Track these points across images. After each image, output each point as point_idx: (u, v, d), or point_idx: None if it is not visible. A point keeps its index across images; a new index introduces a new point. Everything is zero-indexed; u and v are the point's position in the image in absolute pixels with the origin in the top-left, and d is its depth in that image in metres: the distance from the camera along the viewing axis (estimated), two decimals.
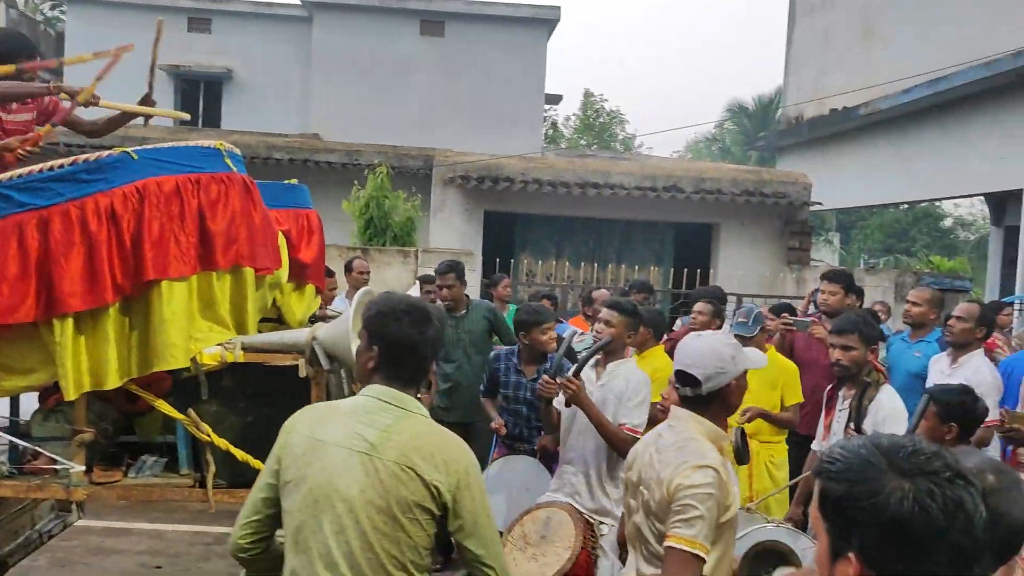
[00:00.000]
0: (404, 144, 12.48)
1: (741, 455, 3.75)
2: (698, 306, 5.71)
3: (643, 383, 4.00)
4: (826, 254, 33.90)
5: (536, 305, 5.04)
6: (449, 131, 14.06)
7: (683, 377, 2.54)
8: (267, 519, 2.20)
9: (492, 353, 4.95)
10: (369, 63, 15.86)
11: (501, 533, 2.67)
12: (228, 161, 3.82)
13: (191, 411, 3.72)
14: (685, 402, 2.54)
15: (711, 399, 2.51)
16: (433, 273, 5.99)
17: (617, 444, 3.76)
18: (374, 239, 9.73)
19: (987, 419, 4.61)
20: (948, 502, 1.19)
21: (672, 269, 10.83)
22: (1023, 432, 4.63)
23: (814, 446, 4.49)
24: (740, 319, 5.20)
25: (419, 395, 5.51)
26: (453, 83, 15.61)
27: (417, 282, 6.91)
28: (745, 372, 2.57)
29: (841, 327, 4.38)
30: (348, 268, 7.14)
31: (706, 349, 2.53)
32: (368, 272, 7.24)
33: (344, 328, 3.21)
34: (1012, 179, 10.03)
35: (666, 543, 2.33)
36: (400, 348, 2.21)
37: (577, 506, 3.79)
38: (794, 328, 5.58)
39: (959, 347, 4.83)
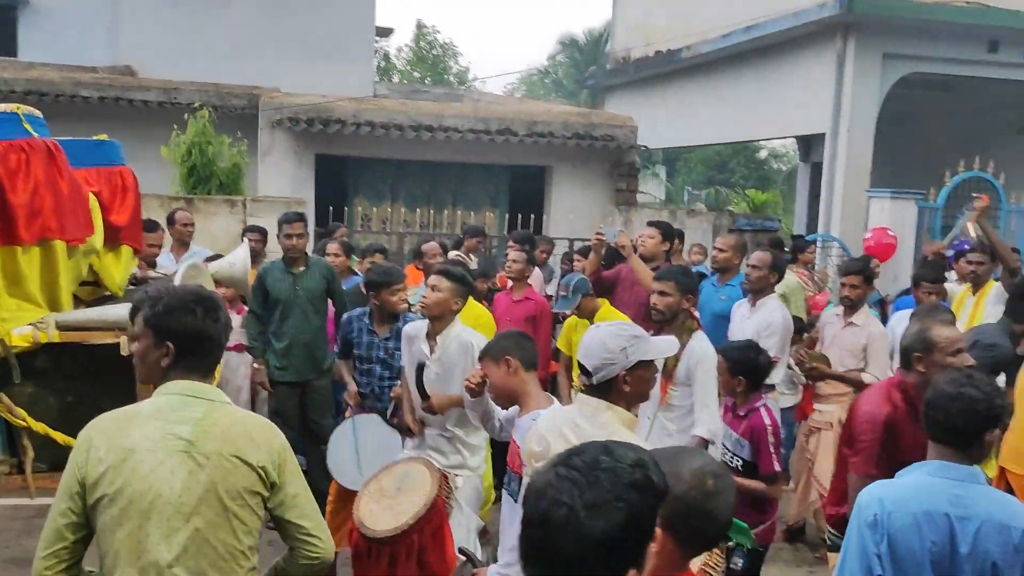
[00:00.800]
0: (226, 81, 11.83)
1: None
2: (512, 255, 5.89)
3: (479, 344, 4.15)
4: (653, 187, 35.25)
5: (388, 266, 5.01)
6: (275, 64, 13.38)
7: (581, 367, 2.68)
8: (73, 546, 2.10)
9: (344, 316, 4.93)
10: None
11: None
12: (27, 126, 3.56)
13: (2, 395, 3.53)
14: (591, 390, 2.66)
15: (607, 388, 2.62)
16: (277, 222, 5.76)
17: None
18: (198, 187, 9.28)
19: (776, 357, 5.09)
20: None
21: (508, 212, 11.02)
22: (822, 370, 5.13)
23: None
24: (561, 293, 5.36)
25: (254, 364, 5.40)
26: (277, 11, 14.82)
27: (246, 235, 6.66)
28: (645, 362, 2.64)
29: (661, 274, 4.67)
30: (171, 220, 6.79)
31: (597, 341, 2.64)
32: (192, 224, 6.92)
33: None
34: (815, 123, 10.81)
35: None
36: (197, 340, 2.19)
37: (434, 462, 3.89)
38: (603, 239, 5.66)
39: (756, 292, 5.22)
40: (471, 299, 5.03)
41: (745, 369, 3.98)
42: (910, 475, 2.60)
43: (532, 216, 9.91)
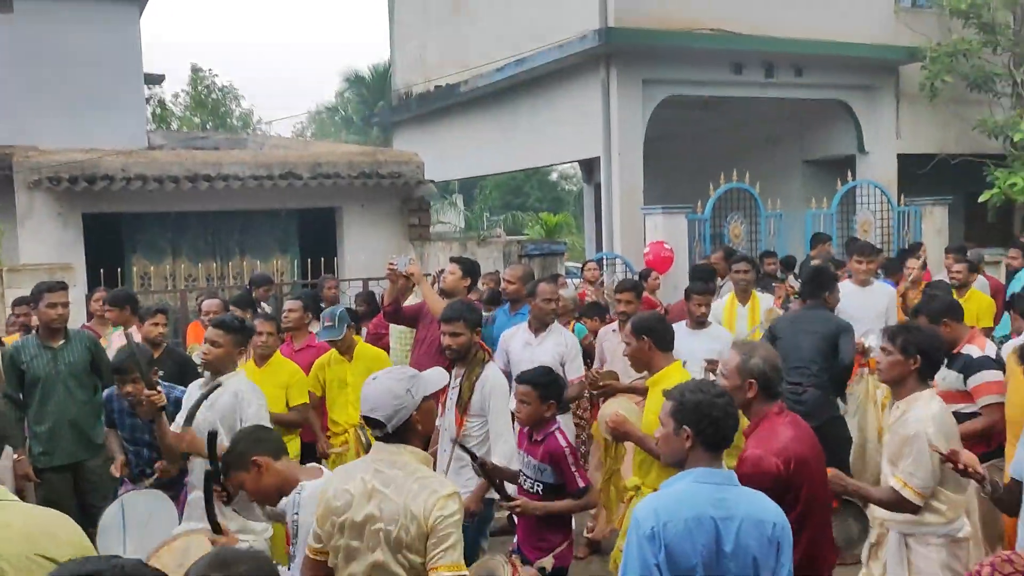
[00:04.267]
0: None
1: None
2: (288, 304, 5.86)
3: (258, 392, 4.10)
4: (452, 216, 35.71)
5: (122, 357, 4.41)
6: (31, 121, 12.38)
7: (371, 421, 2.70)
8: None
9: (104, 394, 4.60)
10: None
11: None
12: None
13: None
14: (384, 438, 2.70)
15: (402, 432, 2.68)
16: (34, 291, 5.30)
17: None
18: None
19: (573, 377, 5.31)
20: None
21: (299, 257, 10.77)
22: (614, 386, 5.38)
23: (437, 423, 4.81)
24: (326, 323, 5.35)
25: (14, 456, 4.92)
26: (29, 63, 13.76)
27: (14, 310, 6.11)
28: (427, 397, 2.75)
29: (447, 315, 4.72)
30: None
31: (382, 391, 2.69)
32: None
33: None
34: (589, 148, 11.39)
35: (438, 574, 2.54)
36: None
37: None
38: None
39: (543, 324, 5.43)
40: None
41: (555, 393, 4.07)
42: (678, 484, 2.73)
43: (323, 259, 9.75)
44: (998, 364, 4.57)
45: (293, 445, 5.10)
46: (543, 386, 4.05)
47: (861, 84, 12.58)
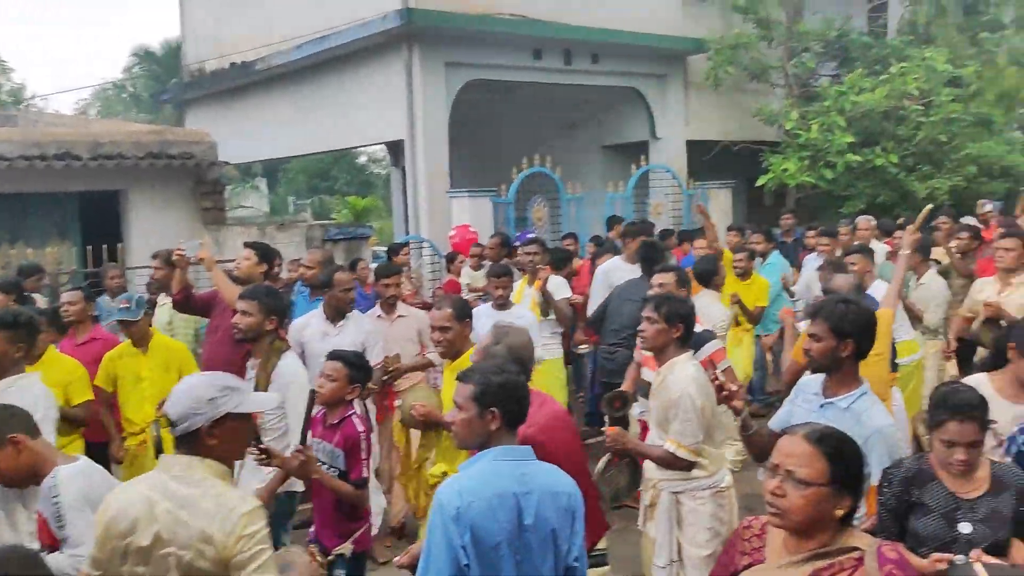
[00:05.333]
0: None
1: None
2: (65, 297, 5.46)
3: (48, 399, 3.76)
4: (255, 200, 34.32)
5: None
6: None
7: (167, 418, 2.47)
8: None
9: None
10: None
11: None
12: None
13: None
14: (178, 445, 2.45)
15: (193, 443, 2.42)
16: None
17: None
18: None
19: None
20: None
21: (80, 244, 9.92)
22: (399, 368, 5.39)
23: None
24: (122, 305, 5.04)
25: None
26: None
27: None
28: (238, 416, 2.47)
29: (244, 294, 4.50)
30: None
31: (187, 388, 2.46)
32: None
33: None
34: (394, 131, 11.27)
35: None
36: None
37: None
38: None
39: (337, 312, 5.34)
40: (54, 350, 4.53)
41: (362, 377, 4.03)
42: (478, 463, 2.76)
43: (107, 246, 9.05)
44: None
45: (75, 447, 4.69)
46: (354, 367, 3.97)
47: (652, 73, 13.21)
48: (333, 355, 4.02)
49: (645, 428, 4.46)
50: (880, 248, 8.02)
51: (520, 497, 2.64)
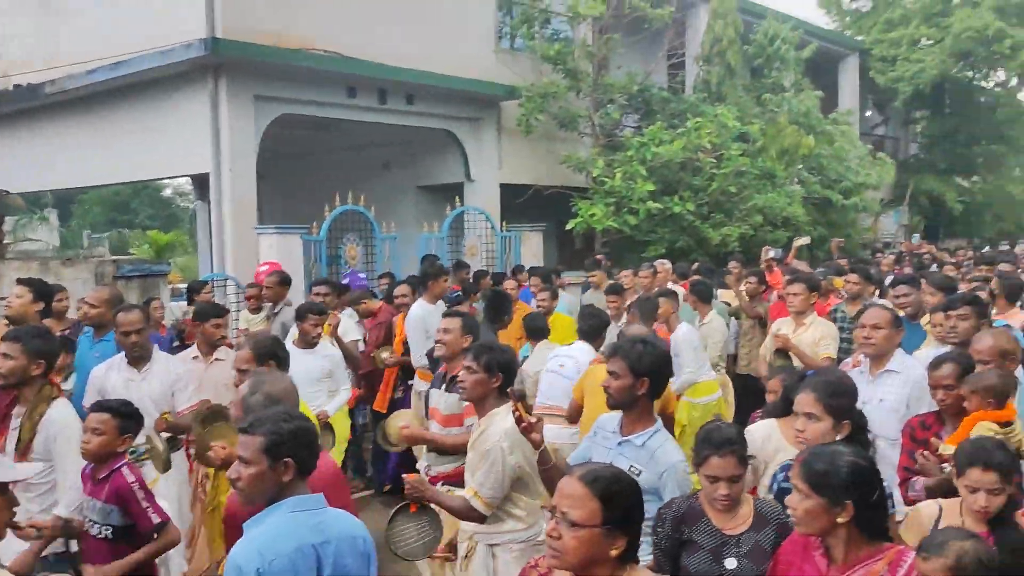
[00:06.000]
0: None
1: None
2: None
3: None
4: (44, 233, 31.66)
5: None
6: None
7: None
8: None
9: None
10: None
11: None
12: None
13: None
14: None
15: None
16: None
17: None
18: None
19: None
20: None
21: None
22: (179, 427, 5.09)
23: None
24: None
25: None
26: None
27: None
28: None
29: (5, 335, 4.13)
30: None
31: None
32: None
33: None
34: (198, 163, 10.75)
35: None
36: None
37: None
38: None
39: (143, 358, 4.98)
40: None
41: (133, 428, 3.78)
42: (271, 517, 2.61)
43: None
44: None
45: None
46: (123, 416, 3.71)
47: (467, 116, 13.44)
48: (96, 406, 3.79)
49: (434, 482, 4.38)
50: (678, 291, 8.49)
51: (319, 548, 2.57)
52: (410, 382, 7.19)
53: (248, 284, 8.68)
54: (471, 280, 9.66)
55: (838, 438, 3.16)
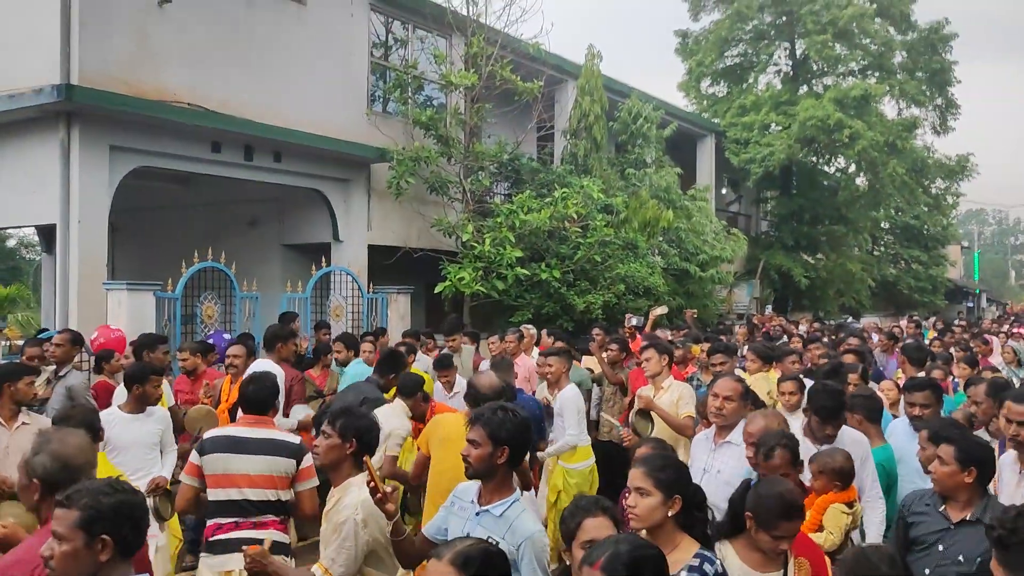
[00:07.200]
0: None
1: None
2: None
3: None
4: None
5: None
6: None
7: None
8: None
9: None
10: None
11: None
12: None
13: None
14: None
15: None
16: None
17: None
18: None
19: None
20: None
21: None
22: None
23: None
24: None
25: None
26: None
27: None
28: None
29: None
30: None
31: None
32: None
33: None
34: (45, 214, 10.13)
35: None
36: None
37: None
38: None
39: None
40: None
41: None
42: None
43: None
44: None
45: None
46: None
47: (336, 176, 13.31)
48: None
49: None
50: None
51: None
52: None
53: (27, 341, 7.88)
54: (328, 341, 9.49)
55: (670, 514, 3.11)
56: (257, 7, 12.04)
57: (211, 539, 4.20)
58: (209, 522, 4.26)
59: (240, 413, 4.62)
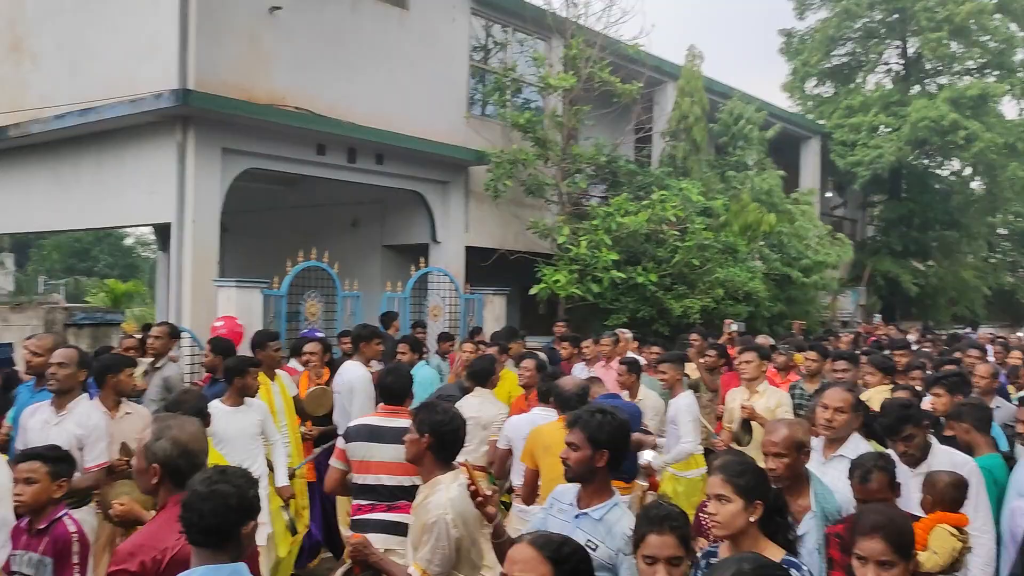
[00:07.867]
0: None
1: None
2: None
3: None
4: None
5: None
6: None
7: None
8: None
9: None
10: None
11: None
12: None
13: None
14: None
15: None
16: None
17: None
18: None
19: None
20: None
21: None
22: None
23: None
24: None
25: None
26: None
27: None
28: None
29: None
30: None
31: None
32: None
33: None
34: (161, 213, 10.61)
35: None
36: None
37: None
38: None
39: (62, 394, 4.80)
40: None
41: (66, 471, 3.64)
42: None
43: None
44: None
45: None
46: (54, 461, 3.56)
47: (436, 179, 13.50)
48: (23, 455, 3.65)
49: None
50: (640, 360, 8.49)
51: None
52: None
53: (124, 334, 8.17)
54: (423, 340, 9.60)
55: (752, 519, 2.97)
56: (361, 13, 12.33)
57: (354, 518, 4.48)
58: (352, 503, 4.57)
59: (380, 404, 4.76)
